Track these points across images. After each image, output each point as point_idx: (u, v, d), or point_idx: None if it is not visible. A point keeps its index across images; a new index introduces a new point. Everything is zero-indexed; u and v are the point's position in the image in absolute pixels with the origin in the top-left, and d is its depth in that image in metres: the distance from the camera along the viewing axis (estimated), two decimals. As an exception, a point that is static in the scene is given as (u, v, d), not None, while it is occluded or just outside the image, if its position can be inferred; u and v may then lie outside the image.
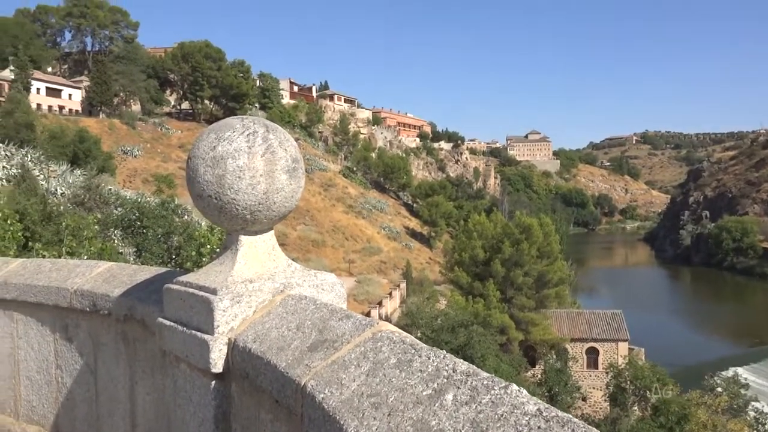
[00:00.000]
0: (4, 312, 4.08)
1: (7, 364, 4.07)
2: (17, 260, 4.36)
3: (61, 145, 54.40)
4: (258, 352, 1.96)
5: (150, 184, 61.45)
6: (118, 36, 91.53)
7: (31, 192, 28.39)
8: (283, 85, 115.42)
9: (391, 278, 62.44)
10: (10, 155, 46.52)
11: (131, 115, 78.78)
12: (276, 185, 2.35)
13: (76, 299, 3.53)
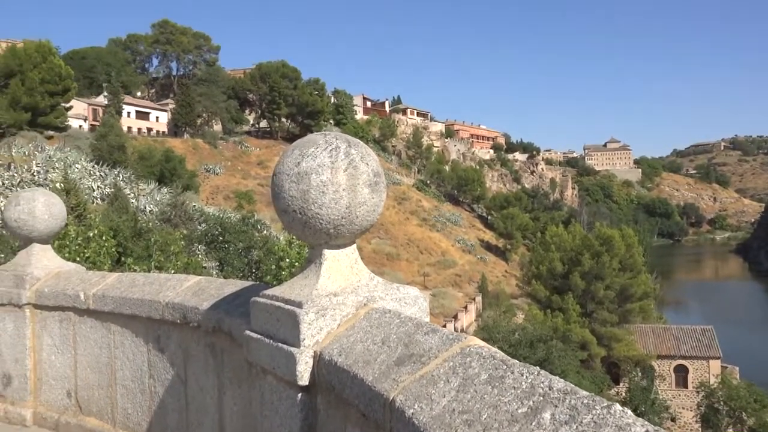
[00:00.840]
0: (102, 324, 4.30)
1: (105, 373, 4.28)
2: (114, 274, 4.59)
3: (149, 165, 57.23)
4: (344, 365, 1.97)
5: (231, 201, 63.62)
6: (201, 60, 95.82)
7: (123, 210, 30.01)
8: (356, 101, 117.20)
9: (466, 292, 61.82)
10: (104, 175, 49.48)
11: (213, 134, 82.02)
12: (358, 199, 2.37)
13: (168, 311, 3.68)
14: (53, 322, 4.67)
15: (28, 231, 4.86)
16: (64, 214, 5.16)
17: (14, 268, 4.92)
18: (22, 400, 4.78)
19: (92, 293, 4.33)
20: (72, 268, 5.03)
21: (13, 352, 4.82)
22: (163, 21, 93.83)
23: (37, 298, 4.72)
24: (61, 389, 4.63)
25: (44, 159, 47.19)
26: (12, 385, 4.83)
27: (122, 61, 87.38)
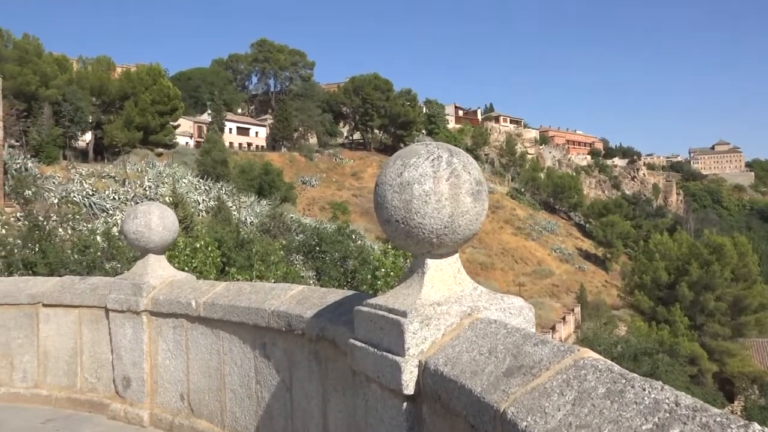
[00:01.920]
0: (212, 330, 4.51)
1: (215, 378, 4.48)
2: (222, 283, 4.81)
3: (250, 178, 59.60)
4: (450, 375, 1.96)
5: (326, 211, 65.07)
6: (297, 76, 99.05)
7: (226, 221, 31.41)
8: (448, 110, 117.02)
9: (564, 302, 59.96)
10: (208, 189, 52.05)
11: (309, 147, 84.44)
12: (461, 208, 2.36)
13: (273, 319, 3.81)
14: (167, 328, 4.95)
15: (145, 242, 5.18)
16: (176, 226, 5.47)
17: (132, 277, 5.26)
18: (139, 402, 5.09)
19: (203, 301, 4.55)
20: (183, 277, 5.32)
21: (132, 356, 5.15)
22: (262, 40, 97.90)
23: (153, 305, 5.02)
24: (175, 392, 4.89)
25: (155, 174, 50.35)
26: (131, 387, 5.15)
27: (224, 80, 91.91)
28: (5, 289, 5.90)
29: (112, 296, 5.23)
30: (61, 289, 5.68)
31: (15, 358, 5.80)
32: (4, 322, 5.83)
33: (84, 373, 5.54)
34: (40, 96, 50.29)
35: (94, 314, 5.45)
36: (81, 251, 15.72)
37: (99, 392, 5.44)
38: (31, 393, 5.71)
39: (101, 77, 60.15)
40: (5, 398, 5.72)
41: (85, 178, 44.71)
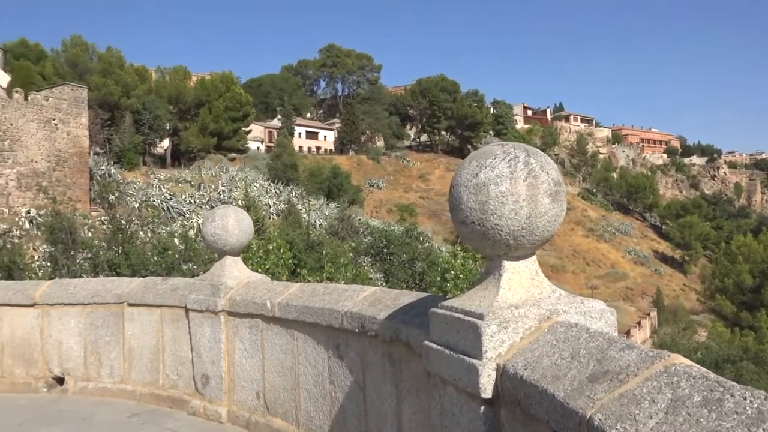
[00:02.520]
0: (287, 330, 4.60)
1: (290, 377, 4.57)
2: (296, 284, 4.90)
3: (318, 181, 60.54)
4: (531, 379, 1.92)
5: (393, 214, 65.28)
6: (364, 79, 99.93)
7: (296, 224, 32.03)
8: (516, 110, 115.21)
9: (639, 306, 57.88)
10: (279, 192, 53.26)
11: (376, 150, 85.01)
12: (539, 209, 2.32)
13: (347, 320, 3.84)
14: (244, 328, 5.08)
15: (222, 244, 5.35)
16: (252, 228, 5.62)
17: (210, 278, 5.43)
18: (218, 399, 5.25)
19: (278, 302, 4.65)
20: (259, 279, 5.45)
21: (211, 354, 5.32)
22: (330, 45, 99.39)
23: (230, 305, 5.17)
24: (251, 390, 5.01)
25: (228, 179, 52.01)
26: (210, 385, 5.32)
27: (294, 86, 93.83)
28: (94, 289, 6.22)
29: (192, 296, 5.42)
30: (145, 290, 5.94)
31: (103, 355, 6.11)
32: (93, 320, 6.15)
33: (166, 370, 5.76)
34: (122, 105, 52.86)
35: (174, 314, 5.66)
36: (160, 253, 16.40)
37: (180, 389, 5.65)
38: (117, 388, 5.99)
39: (178, 86, 62.61)
40: (95, 392, 6.03)
41: (163, 183, 46.68)
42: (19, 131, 36.75)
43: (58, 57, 56.42)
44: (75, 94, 40.36)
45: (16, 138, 36.58)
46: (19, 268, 18.48)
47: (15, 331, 6.42)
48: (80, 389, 6.15)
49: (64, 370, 6.29)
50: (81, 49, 55.58)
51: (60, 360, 6.30)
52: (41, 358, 6.35)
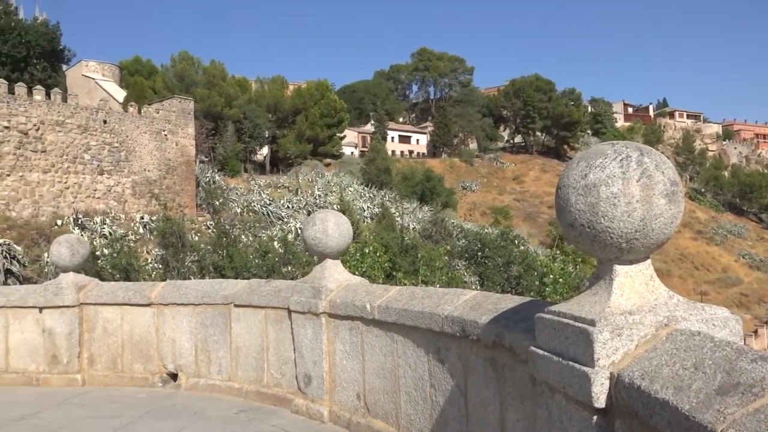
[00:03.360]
0: (386, 333, 4.64)
1: (390, 380, 4.60)
2: (395, 288, 4.93)
3: (411, 185, 60.77)
4: (650, 390, 1.83)
5: (487, 217, 64.47)
6: (457, 82, 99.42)
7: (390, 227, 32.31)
8: (616, 107, 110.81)
9: (755, 313, 54.00)
10: (372, 196, 53.94)
11: (469, 152, 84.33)
12: (654, 211, 2.21)
13: (447, 324, 3.82)
14: (344, 330, 5.17)
15: (322, 248, 5.48)
16: (351, 232, 5.71)
17: (312, 280, 5.58)
18: (320, 399, 5.37)
19: (377, 305, 4.70)
20: (358, 281, 5.53)
21: (312, 355, 5.45)
22: (422, 49, 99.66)
23: (330, 307, 5.28)
24: (352, 391, 5.09)
25: (324, 184, 53.30)
26: (312, 385, 5.46)
27: (386, 91, 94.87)
28: (203, 290, 6.55)
29: (294, 298, 5.59)
30: (250, 291, 6.18)
31: (212, 353, 6.41)
32: (203, 320, 6.47)
33: (270, 368, 5.97)
34: (224, 115, 55.48)
35: (278, 315, 5.85)
36: (261, 256, 17.04)
37: (283, 387, 5.83)
38: (225, 385, 6.27)
39: (276, 95, 64.93)
40: (204, 388, 6.35)
41: (263, 188, 48.49)
42: (134, 142, 39.43)
43: (167, 72, 60.09)
44: (182, 106, 42.79)
45: (131, 149, 39.26)
46: (134, 269, 19.81)
47: (134, 329, 6.86)
48: (191, 385, 6.49)
49: (177, 367, 6.66)
50: (188, 63, 58.91)
51: (173, 357, 6.67)
52: (156, 355, 6.76)
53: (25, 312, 7.11)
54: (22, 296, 7.18)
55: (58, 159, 35.61)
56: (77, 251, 7.09)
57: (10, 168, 33.58)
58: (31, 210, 34.08)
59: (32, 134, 34.61)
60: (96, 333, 7.03)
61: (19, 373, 7.09)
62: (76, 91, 44.31)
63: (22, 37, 43.67)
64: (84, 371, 6.99)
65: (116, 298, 6.96)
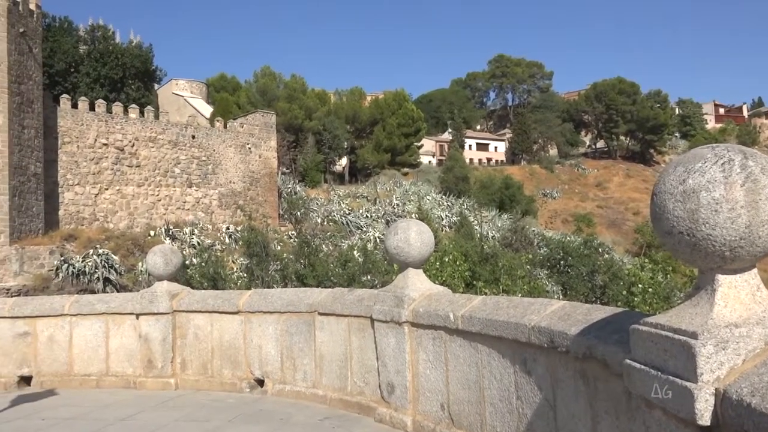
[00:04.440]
0: (470, 343, 4.59)
1: (474, 390, 4.54)
2: (478, 297, 4.87)
3: (490, 193, 60.10)
4: (762, 408, 1.71)
5: (569, 224, 62.75)
6: (535, 87, 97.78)
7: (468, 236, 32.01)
8: (706, 108, 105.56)
9: None
10: (450, 205, 53.70)
11: (549, 159, 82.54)
12: (761, 217, 2.08)
13: (534, 335, 3.74)
14: (427, 339, 5.15)
15: (405, 257, 5.49)
16: (432, 241, 5.70)
17: (394, 289, 5.60)
18: (403, 408, 5.37)
19: (460, 314, 4.65)
20: (440, 291, 5.51)
21: (395, 364, 5.46)
22: (498, 56, 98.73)
23: (413, 316, 5.27)
24: (436, 401, 5.06)
25: (402, 193, 53.53)
26: (395, 394, 5.47)
27: (463, 99, 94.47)
28: (288, 298, 6.71)
29: (377, 307, 5.62)
30: (333, 300, 6.28)
31: (297, 360, 6.55)
32: (287, 327, 6.63)
33: (353, 377, 6.03)
34: (305, 127, 56.88)
35: (361, 323, 5.91)
36: (342, 265, 17.28)
37: (366, 396, 5.87)
38: (310, 392, 6.38)
39: (354, 106, 65.97)
40: (290, 395, 6.48)
41: (342, 198, 49.26)
42: (220, 156, 41.07)
43: (250, 87, 62.32)
44: (265, 119, 44.20)
45: (218, 162, 40.91)
46: (221, 278, 20.58)
47: (223, 336, 7.12)
48: (277, 391, 6.65)
49: (264, 373, 6.84)
50: (269, 78, 60.88)
51: (260, 363, 6.86)
52: (244, 361, 6.97)
53: (124, 318, 7.51)
54: (121, 303, 7.59)
55: (150, 173, 37.59)
56: (171, 260, 7.44)
57: (108, 182, 35.74)
58: (127, 221, 36.10)
59: (128, 150, 36.72)
60: (188, 339, 7.34)
61: (118, 376, 7.49)
62: (166, 108, 46.70)
63: (119, 59, 46.48)
64: (177, 375, 7.30)
65: (206, 305, 7.24)
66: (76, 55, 45.22)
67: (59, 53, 43.48)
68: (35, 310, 7.67)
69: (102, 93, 43.10)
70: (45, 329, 7.64)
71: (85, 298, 7.87)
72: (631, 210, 72.88)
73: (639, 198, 75.98)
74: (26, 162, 30.39)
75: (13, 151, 29.00)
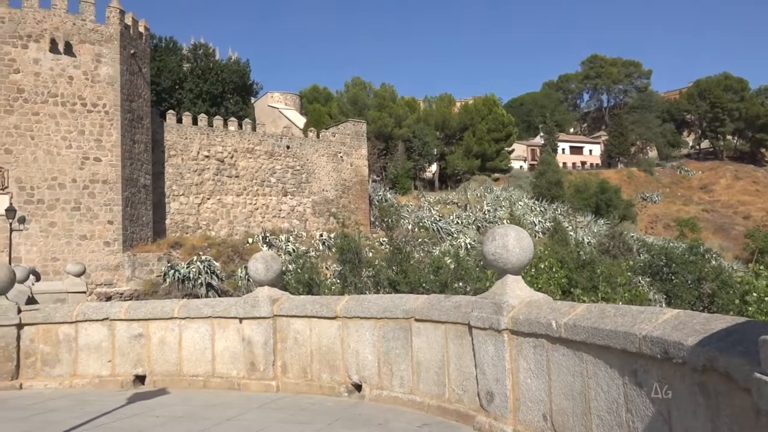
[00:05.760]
0: (574, 352, 4.43)
1: (579, 401, 4.39)
2: (582, 305, 4.71)
3: (584, 197, 58.20)
4: None
5: (672, 229, 59.73)
6: (632, 87, 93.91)
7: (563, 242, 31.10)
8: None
9: None
10: (543, 210, 52.45)
11: (648, 161, 78.98)
12: None
13: (645, 345, 3.56)
14: (528, 347, 5.03)
15: (503, 263, 5.39)
16: (531, 247, 5.56)
17: (492, 296, 5.50)
18: (503, 417, 5.26)
19: (563, 322, 4.51)
20: (540, 298, 5.36)
21: (494, 372, 5.36)
22: (592, 56, 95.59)
23: (513, 324, 5.16)
24: (537, 411, 4.93)
25: (493, 199, 52.81)
26: (494, 402, 5.37)
27: (555, 102, 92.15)
28: (384, 305, 6.76)
29: (475, 314, 5.55)
30: (429, 306, 6.26)
31: (393, 366, 6.58)
32: (384, 333, 6.67)
33: (451, 384, 5.97)
34: (394, 135, 57.39)
35: (458, 330, 5.85)
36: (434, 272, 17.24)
37: (464, 403, 5.80)
38: (407, 398, 6.38)
39: (443, 113, 65.88)
40: (387, 400, 6.52)
41: (432, 205, 49.25)
42: (313, 165, 42.20)
43: (341, 97, 63.66)
44: (356, 128, 44.99)
45: (311, 171, 42.04)
46: (316, 284, 21.07)
47: (321, 340, 7.26)
48: (375, 396, 6.70)
49: (361, 378, 6.92)
50: (360, 88, 61.93)
51: (357, 368, 6.94)
52: (342, 366, 7.08)
53: (228, 322, 7.82)
54: (225, 308, 7.92)
55: (248, 183, 39.16)
56: (271, 267, 7.69)
57: (209, 192, 37.55)
58: (227, 230, 37.75)
59: (227, 161, 38.45)
60: (288, 343, 7.54)
61: (223, 377, 7.81)
62: (263, 120, 48.53)
63: (219, 75, 48.84)
64: (278, 378, 7.52)
65: (305, 310, 7.42)
66: (180, 73, 47.93)
67: (165, 71, 46.22)
68: (148, 314, 8.15)
69: (204, 107, 45.40)
70: (157, 331, 8.09)
71: (193, 303, 8.27)
72: (741, 214, 68.35)
73: (749, 201, 71.14)
74: (137, 174, 32.47)
75: (125, 165, 31.06)
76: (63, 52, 29.62)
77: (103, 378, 8.11)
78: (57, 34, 29.44)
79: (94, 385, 8.02)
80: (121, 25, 31.50)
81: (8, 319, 8.10)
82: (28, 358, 8.22)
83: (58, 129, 29.41)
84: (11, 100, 28.65)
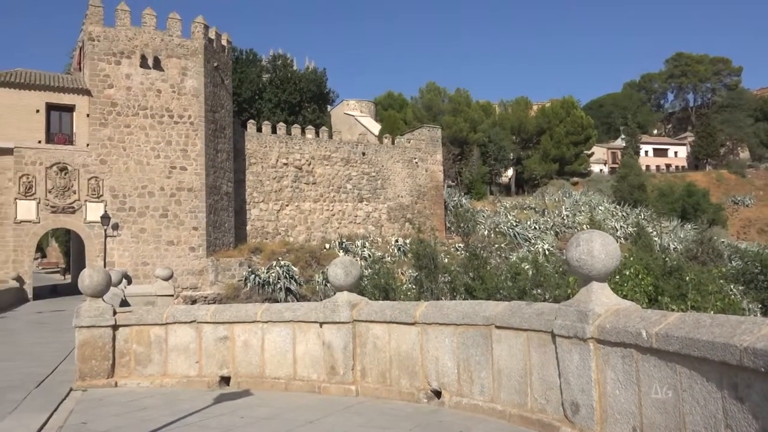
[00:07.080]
0: (667, 364, 4.24)
1: (673, 415, 4.18)
2: (675, 314, 4.50)
3: (670, 201, 55.79)
4: None
5: (766, 234, 56.24)
6: (721, 85, 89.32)
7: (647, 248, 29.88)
8: None
9: None
10: (626, 215, 50.62)
11: (740, 163, 74.78)
12: None
13: (747, 357, 3.36)
14: (615, 357, 4.85)
15: (588, 270, 5.23)
16: (618, 253, 5.37)
17: (577, 304, 5.35)
18: (589, 429, 5.09)
19: (654, 332, 4.32)
20: (629, 305, 5.16)
21: (579, 382, 5.20)
22: (677, 54, 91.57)
23: (599, 333, 4.99)
24: (626, 424, 4.73)
25: (571, 203, 51.45)
26: (580, 413, 5.20)
27: (637, 102, 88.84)
28: (464, 311, 6.69)
29: (558, 322, 5.41)
30: (511, 313, 6.15)
31: (473, 373, 6.50)
32: (464, 340, 6.60)
33: (533, 393, 5.84)
34: (470, 140, 56.97)
35: (541, 338, 5.72)
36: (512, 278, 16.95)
37: (548, 414, 5.65)
38: (487, 406, 6.29)
39: (519, 116, 64.82)
40: (467, 408, 6.45)
41: (508, 210, 48.51)
42: (388, 171, 42.49)
43: (416, 103, 63.85)
44: (431, 134, 44.99)
45: (386, 177, 42.35)
46: (392, 289, 21.15)
47: (400, 346, 7.27)
48: (455, 403, 6.64)
49: (441, 384, 6.87)
50: (434, 93, 61.91)
51: (437, 374, 6.90)
52: (421, 372, 7.06)
53: (309, 326, 7.97)
54: (306, 312, 8.07)
55: (325, 189, 39.89)
56: (350, 272, 7.78)
57: (288, 199, 38.51)
58: (305, 235, 38.57)
59: (305, 168, 39.33)
60: (367, 348, 7.60)
61: (304, 380, 7.96)
62: (339, 127, 49.35)
63: (297, 85, 50.07)
64: (357, 382, 7.59)
65: (384, 316, 7.45)
66: (259, 83, 49.47)
67: (246, 82, 47.83)
68: (232, 317, 8.41)
69: (282, 116, 46.64)
70: (241, 334, 8.34)
71: (275, 307, 8.48)
72: None
73: None
74: (219, 182, 33.72)
75: (209, 173, 32.33)
76: (152, 67, 31.22)
77: (191, 378, 8.43)
78: (146, 50, 31.07)
79: (182, 384, 8.35)
80: (205, 39, 32.87)
81: (105, 320, 8.56)
82: (122, 358, 8.66)
83: (147, 140, 31.00)
84: (105, 114, 30.45)
